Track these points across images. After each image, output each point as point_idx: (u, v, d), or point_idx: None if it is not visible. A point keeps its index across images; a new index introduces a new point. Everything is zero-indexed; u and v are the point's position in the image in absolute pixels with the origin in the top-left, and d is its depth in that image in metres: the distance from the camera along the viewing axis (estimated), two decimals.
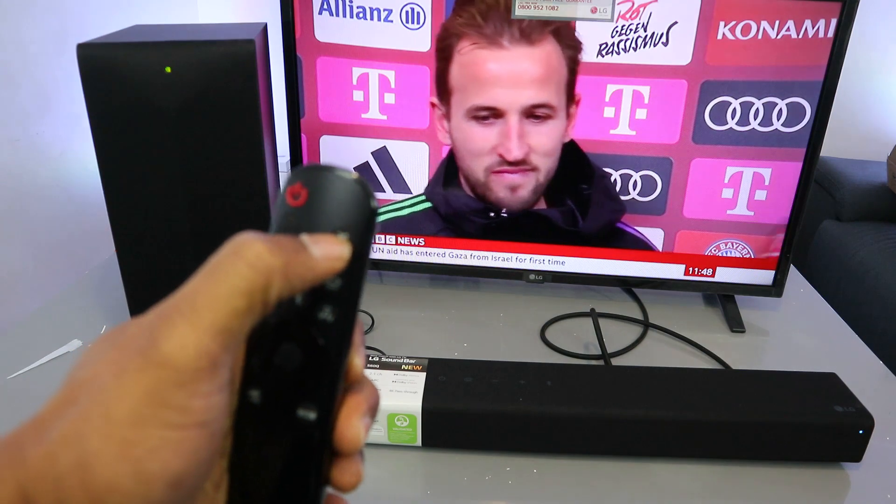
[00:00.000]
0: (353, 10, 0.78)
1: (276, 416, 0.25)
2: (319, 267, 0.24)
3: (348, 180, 0.25)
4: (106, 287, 0.89)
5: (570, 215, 0.85)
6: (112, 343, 0.23)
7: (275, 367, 0.25)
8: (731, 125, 0.80)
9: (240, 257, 0.22)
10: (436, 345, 0.81)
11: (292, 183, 0.25)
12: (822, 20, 0.74)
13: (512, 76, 0.78)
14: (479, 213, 0.86)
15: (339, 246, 0.25)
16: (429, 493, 0.60)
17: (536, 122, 0.80)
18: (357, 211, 0.25)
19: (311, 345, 0.25)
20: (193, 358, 0.21)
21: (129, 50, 0.61)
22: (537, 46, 0.77)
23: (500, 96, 0.78)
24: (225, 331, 0.22)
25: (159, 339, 0.21)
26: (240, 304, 0.22)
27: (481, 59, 0.77)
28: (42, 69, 1.31)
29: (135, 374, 0.21)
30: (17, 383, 0.71)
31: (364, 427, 0.26)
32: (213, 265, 0.23)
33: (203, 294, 0.22)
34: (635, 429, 0.61)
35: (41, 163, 1.33)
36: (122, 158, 0.64)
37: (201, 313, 0.21)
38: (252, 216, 0.67)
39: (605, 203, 0.84)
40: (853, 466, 0.63)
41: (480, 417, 0.61)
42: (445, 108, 0.81)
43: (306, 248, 0.24)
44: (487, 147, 0.81)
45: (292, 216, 0.25)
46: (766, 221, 0.84)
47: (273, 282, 0.23)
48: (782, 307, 0.91)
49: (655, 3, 0.76)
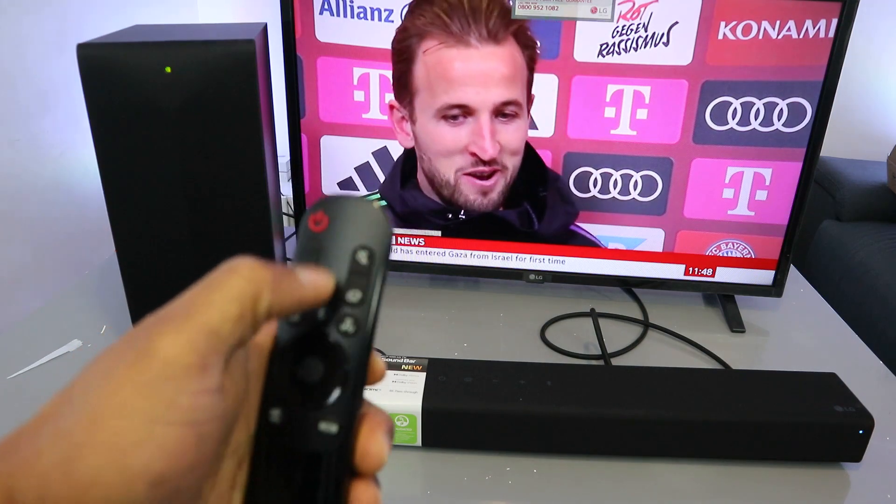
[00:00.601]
0: (353, 10, 0.78)
1: (298, 432, 0.26)
2: (305, 291, 0.26)
3: (365, 204, 0.28)
4: (106, 287, 0.89)
5: (525, 217, 0.86)
6: (109, 349, 0.23)
7: (297, 383, 0.26)
8: (731, 125, 0.80)
9: (233, 271, 0.24)
10: (436, 345, 0.81)
11: (315, 211, 0.28)
12: (823, 20, 0.74)
13: (482, 74, 0.78)
14: (437, 213, 0.86)
15: (325, 277, 0.27)
16: (429, 493, 0.60)
17: (505, 120, 0.80)
18: (374, 229, 0.27)
19: (333, 356, 0.26)
20: (182, 354, 0.22)
21: (129, 50, 0.61)
22: (502, 46, 0.77)
23: (471, 94, 0.78)
24: (215, 332, 0.23)
25: (152, 335, 0.22)
26: (231, 308, 0.23)
27: (450, 58, 0.77)
28: (42, 69, 1.31)
29: (125, 368, 0.22)
30: (17, 383, 0.71)
31: (388, 444, 0.27)
32: (209, 279, 0.24)
33: (197, 300, 0.23)
34: (635, 429, 0.61)
35: (41, 163, 1.33)
36: (122, 158, 0.64)
37: (194, 316, 0.23)
38: (252, 216, 0.67)
39: (559, 206, 0.85)
40: (853, 466, 0.63)
41: (480, 417, 0.61)
42: (407, 109, 0.81)
43: (295, 272, 0.26)
44: (459, 147, 0.81)
45: (314, 239, 0.28)
46: (766, 221, 0.84)
47: (263, 293, 0.24)
48: (782, 307, 0.91)
49: (656, 3, 0.75)
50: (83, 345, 0.78)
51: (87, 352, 0.76)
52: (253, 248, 0.67)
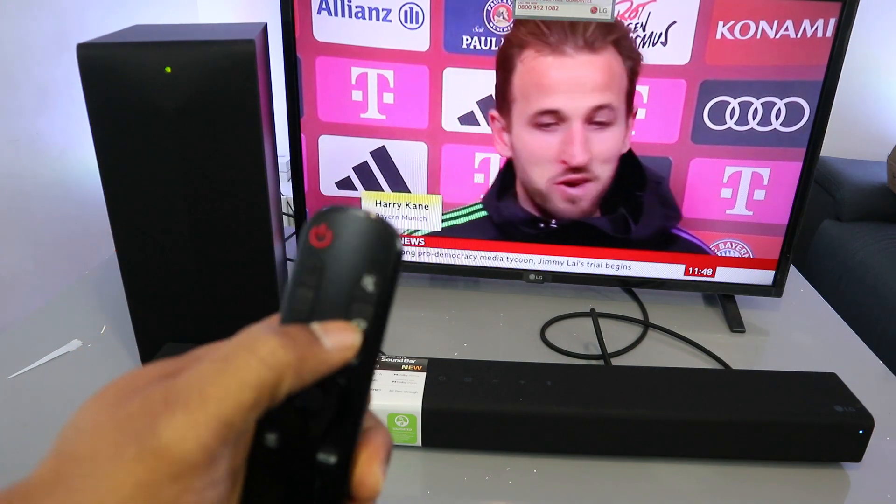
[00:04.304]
0: (351, 9, 0.78)
1: (294, 460, 0.25)
2: (332, 359, 0.24)
3: (374, 221, 0.25)
4: (106, 287, 0.89)
5: (621, 222, 0.85)
6: (111, 414, 0.22)
7: (295, 410, 0.25)
8: (729, 125, 0.80)
9: (252, 353, 0.22)
10: (436, 345, 0.81)
11: (317, 224, 0.25)
12: (821, 20, 0.74)
13: (576, 81, 0.78)
14: (529, 223, 0.86)
15: (352, 334, 0.24)
16: (429, 493, 0.60)
17: (598, 128, 0.80)
18: (383, 252, 0.25)
19: (334, 386, 0.25)
20: (191, 451, 0.20)
21: (129, 50, 0.61)
22: (599, 55, 0.77)
23: (563, 100, 0.79)
24: (228, 424, 0.21)
25: (159, 427, 0.21)
26: (247, 398, 0.22)
27: (545, 66, 0.78)
28: (42, 69, 1.31)
29: (129, 463, 0.20)
30: (17, 383, 0.71)
31: (383, 473, 0.26)
32: (224, 356, 0.22)
33: (211, 384, 0.21)
34: (635, 429, 0.61)
35: (41, 162, 1.33)
36: (122, 158, 0.64)
37: (207, 405, 0.21)
38: (252, 216, 0.67)
39: (657, 209, 0.85)
40: (853, 466, 0.63)
41: (480, 417, 0.61)
42: (506, 119, 0.81)
43: (319, 340, 0.24)
44: (550, 154, 0.81)
45: (315, 256, 0.25)
46: (764, 221, 0.84)
47: (285, 378, 0.22)
48: (782, 307, 0.91)
49: (654, 3, 0.76)
50: (83, 345, 0.78)
51: (87, 352, 0.76)
52: (252, 247, 0.67)
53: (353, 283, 0.25)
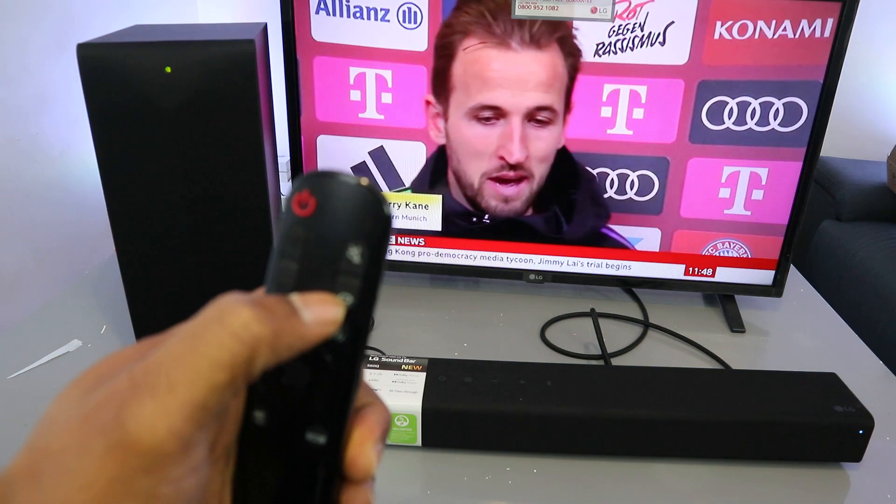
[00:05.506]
0: (349, 9, 0.78)
1: (283, 439, 0.24)
2: (311, 334, 0.22)
3: (360, 188, 0.23)
4: (106, 287, 0.89)
5: (554, 221, 0.85)
6: (80, 406, 0.20)
7: (282, 387, 0.24)
8: (727, 125, 0.80)
9: (223, 326, 0.20)
10: (436, 345, 0.81)
11: (300, 190, 0.23)
12: (819, 20, 0.75)
13: (519, 77, 0.78)
14: (462, 216, 0.86)
15: (334, 308, 0.23)
16: (429, 493, 0.60)
17: (537, 126, 0.80)
18: (371, 220, 0.23)
19: (321, 363, 0.24)
20: (162, 441, 0.19)
21: (129, 50, 0.61)
22: (545, 52, 0.77)
23: (506, 97, 0.78)
24: (201, 407, 0.20)
25: (126, 418, 0.19)
26: (220, 378, 0.20)
27: (489, 59, 0.77)
28: (42, 69, 1.31)
29: (98, 458, 0.19)
30: (17, 383, 0.71)
31: (377, 454, 0.25)
32: (194, 331, 0.20)
33: (180, 366, 0.20)
34: (635, 429, 0.61)
35: (41, 163, 1.33)
36: (122, 158, 0.64)
37: (176, 389, 0.19)
38: (252, 216, 0.67)
39: (589, 208, 0.85)
40: (853, 466, 0.63)
41: (480, 417, 0.61)
42: (443, 106, 0.81)
43: (297, 312, 0.22)
44: (488, 149, 0.81)
45: (298, 225, 0.23)
46: (763, 221, 0.84)
47: (259, 354, 0.21)
48: (782, 307, 0.91)
49: (652, 3, 0.76)
50: (83, 345, 0.78)
51: (87, 351, 0.76)
52: (253, 248, 0.67)
53: (339, 255, 0.23)
